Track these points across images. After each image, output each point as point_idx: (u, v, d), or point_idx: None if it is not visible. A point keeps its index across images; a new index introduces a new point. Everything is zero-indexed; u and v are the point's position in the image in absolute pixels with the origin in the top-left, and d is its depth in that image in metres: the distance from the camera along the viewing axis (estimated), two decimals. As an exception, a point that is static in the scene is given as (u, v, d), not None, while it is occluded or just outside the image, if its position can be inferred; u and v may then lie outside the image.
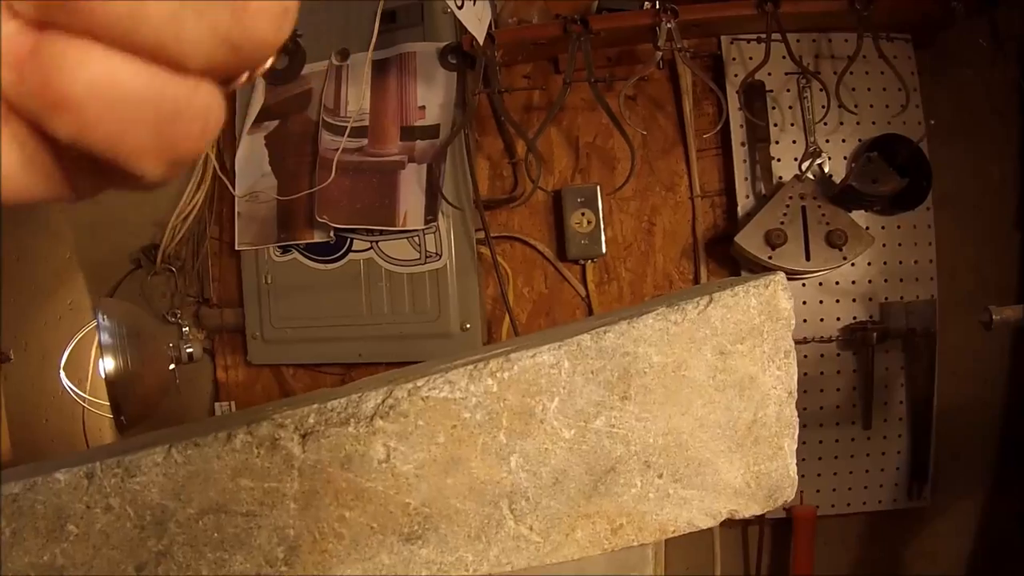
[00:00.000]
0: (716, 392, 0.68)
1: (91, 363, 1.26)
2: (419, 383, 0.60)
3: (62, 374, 1.25)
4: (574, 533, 0.65)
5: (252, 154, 1.42)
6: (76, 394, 1.24)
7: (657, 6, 1.25)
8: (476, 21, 1.19)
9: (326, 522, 0.61)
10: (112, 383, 1.19)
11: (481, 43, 1.24)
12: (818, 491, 1.39)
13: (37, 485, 0.62)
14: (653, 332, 0.65)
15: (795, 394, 0.71)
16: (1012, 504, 1.36)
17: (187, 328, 1.34)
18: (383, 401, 0.60)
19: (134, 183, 0.24)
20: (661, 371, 0.65)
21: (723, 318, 0.67)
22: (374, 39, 1.27)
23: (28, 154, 0.22)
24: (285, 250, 1.42)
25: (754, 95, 1.32)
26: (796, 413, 0.71)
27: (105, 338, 1.19)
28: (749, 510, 0.72)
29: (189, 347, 1.31)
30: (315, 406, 0.60)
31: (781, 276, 0.70)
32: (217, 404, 1.49)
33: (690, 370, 0.66)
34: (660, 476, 0.67)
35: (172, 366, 1.28)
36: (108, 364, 1.19)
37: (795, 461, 0.72)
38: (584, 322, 0.83)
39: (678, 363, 0.66)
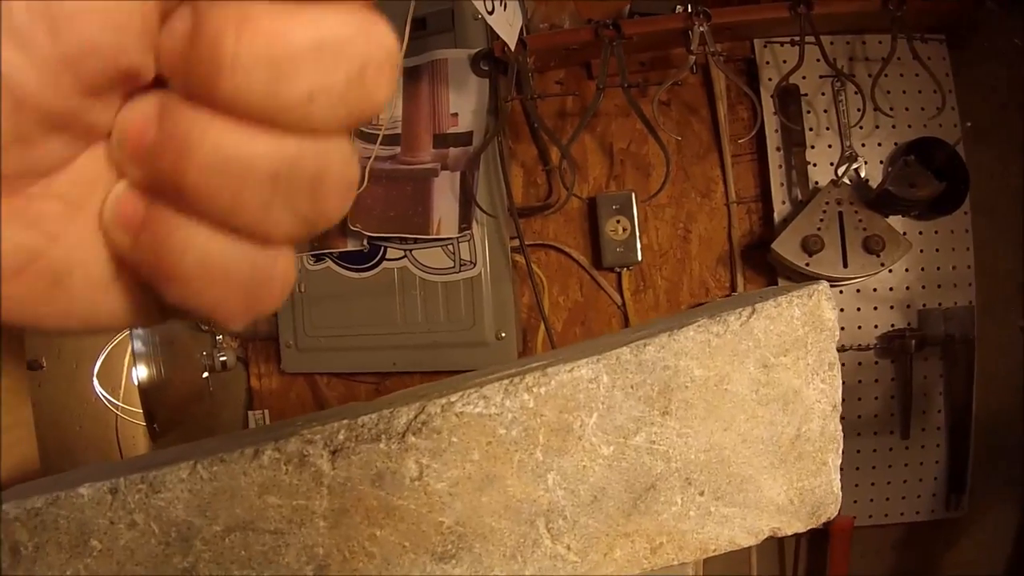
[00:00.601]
0: (759, 406, 0.63)
1: (124, 371, 1.25)
2: (453, 398, 0.57)
3: (95, 381, 1.24)
4: (612, 552, 0.61)
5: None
6: (109, 401, 1.23)
7: (689, 10, 1.21)
8: (507, 27, 1.16)
9: (356, 540, 0.57)
10: (145, 391, 1.17)
11: (513, 49, 1.21)
12: (855, 501, 1.33)
13: (60, 499, 0.59)
14: (694, 345, 0.61)
15: (839, 408, 0.67)
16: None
17: (220, 337, 1.32)
18: (415, 417, 0.56)
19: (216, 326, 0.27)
20: (703, 385, 0.61)
21: (766, 330, 0.63)
22: (404, 45, 1.24)
23: (136, 302, 0.25)
24: (318, 259, 1.39)
25: (788, 99, 1.27)
26: (840, 428, 0.67)
27: (138, 346, 1.17)
28: (792, 528, 0.67)
29: (223, 355, 1.29)
30: (345, 422, 0.56)
31: (825, 285, 0.66)
32: (250, 412, 1.48)
33: (732, 384, 0.62)
34: (701, 493, 0.62)
35: (205, 374, 1.25)
36: (141, 372, 1.17)
37: (839, 477, 0.68)
38: (621, 334, 0.79)
39: (720, 377, 0.62)
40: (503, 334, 1.34)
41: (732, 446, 0.63)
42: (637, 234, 1.36)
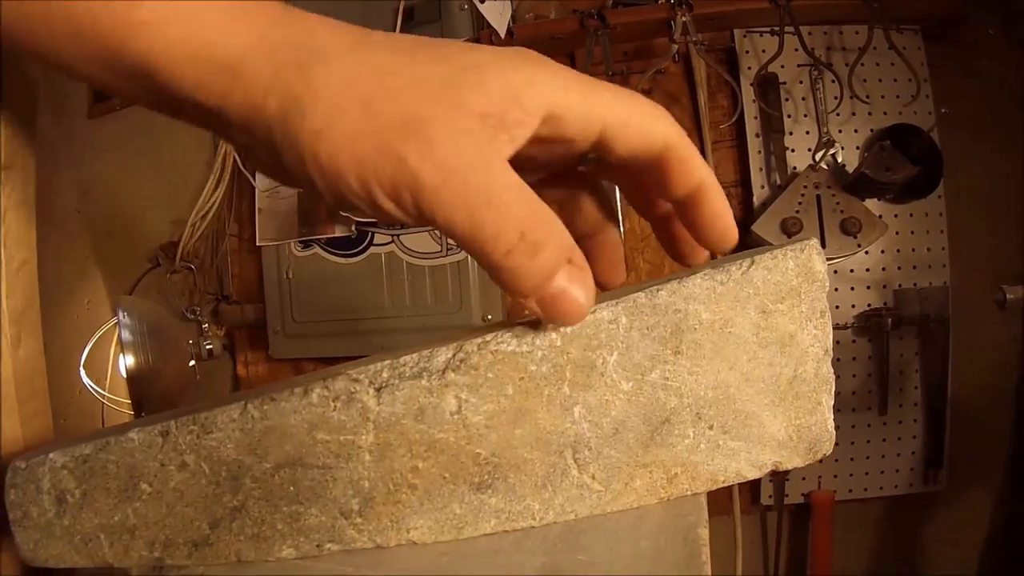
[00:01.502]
0: (759, 348, 0.72)
1: (110, 361, 1.29)
2: (487, 337, 0.64)
3: (82, 371, 1.28)
4: (633, 482, 0.69)
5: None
6: (96, 392, 1.27)
7: (672, 0, 1.31)
8: (498, 16, 1.25)
9: (400, 473, 0.64)
10: (133, 380, 1.22)
11: (502, 38, 1.30)
12: (835, 476, 1.44)
13: (110, 445, 0.65)
14: (701, 291, 0.70)
15: (831, 352, 0.76)
16: (1027, 487, 1.41)
17: (206, 325, 1.38)
18: (454, 356, 0.64)
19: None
20: (709, 328, 0.70)
21: (764, 279, 0.72)
22: (397, 31, 1.32)
23: None
24: (306, 245, 1.46)
25: (768, 87, 1.39)
26: (832, 371, 0.76)
27: (126, 335, 1.22)
28: (791, 462, 0.76)
29: (209, 343, 1.34)
30: (387, 361, 0.64)
31: (815, 241, 0.75)
32: None
33: (736, 327, 0.71)
34: (711, 427, 0.71)
35: (192, 362, 1.31)
36: (129, 361, 1.22)
37: (832, 416, 0.77)
38: (634, 286, 0.88)
39: (724, 320, 0.71)
40: (490, 317, 1.42)
41: (737, 384, 0.72)
42: (620, 219, 1.45)
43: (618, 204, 1.43)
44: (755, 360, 0.73)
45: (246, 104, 0.38)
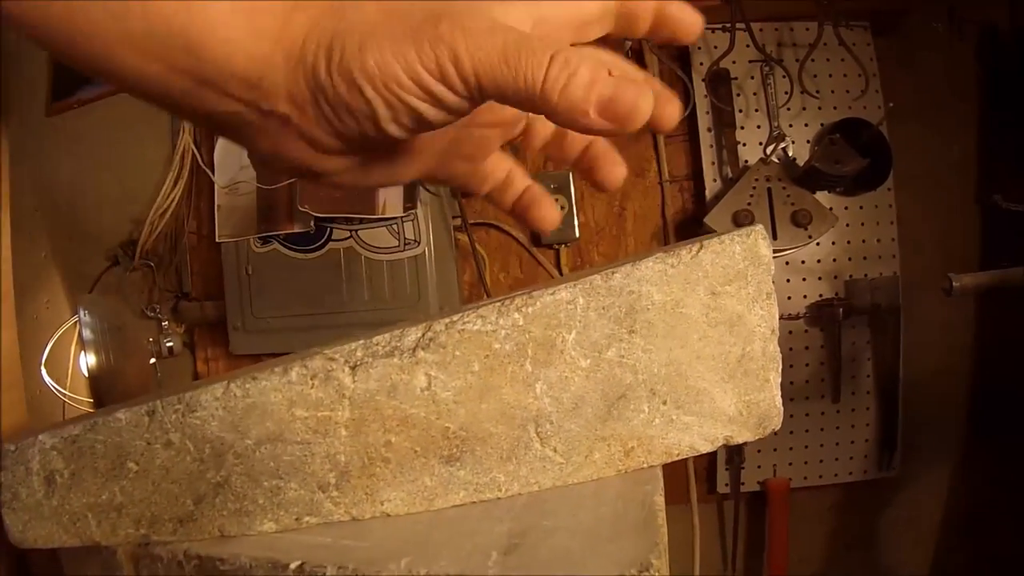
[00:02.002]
0: (709, 328, 0.81)
1: (71, 360, 1.33)
2: (454, 318, 0.72)
3: (43, 371, 1.32)
4: (592, 455, 0.77)
5: (231, 147, 1.52)
6: (58, 391, 1.31)
7: (626, -2, 1.40)
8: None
9: (374, 447, 0.72)
10: (95, 379, 1.26)
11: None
12: (791, 464, 1.54)
13: (97, 425, 0.71)
14: (653, 273, 0.78)
15: (777, 332, 0.85)
16: (980, 471, 1.53)
17: (167, 322, 1.43)
18: (423, 335, 0.72)
19: None
20: (661, 308, 0.79)
21: (712, 262, 0.81)
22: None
23: None
24: (265, 241, 1.52)
25: (719, 82, 1.48)
26: (779, 350, 0.85)
27: (87, 334, 1.27)
28: (742, 436, 0.85)
29: (169, 341, 1.39)
30: (361, 341, 0.71)
31: (761, 227, 0.85)
32: None
33: (686, 307, 0.80)
34: (664, 403, 0.80)
35: (153, 360, 1.36)
36: (90, 360, 1.27)
37: (780, 393, 0.86)
38: (589, 270, 0.96)
39: (676, 301, 0.79)
40: (446, 310, 1.50)
41: (688, 362, 0.81)
42: (575, 212, 1.54)
43: (572, 189, 1.51)
44: (705, 339, 0.82)
45: (289, 57, 0.45)
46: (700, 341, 0.81)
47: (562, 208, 1.53)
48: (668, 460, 0.82)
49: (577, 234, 1.54)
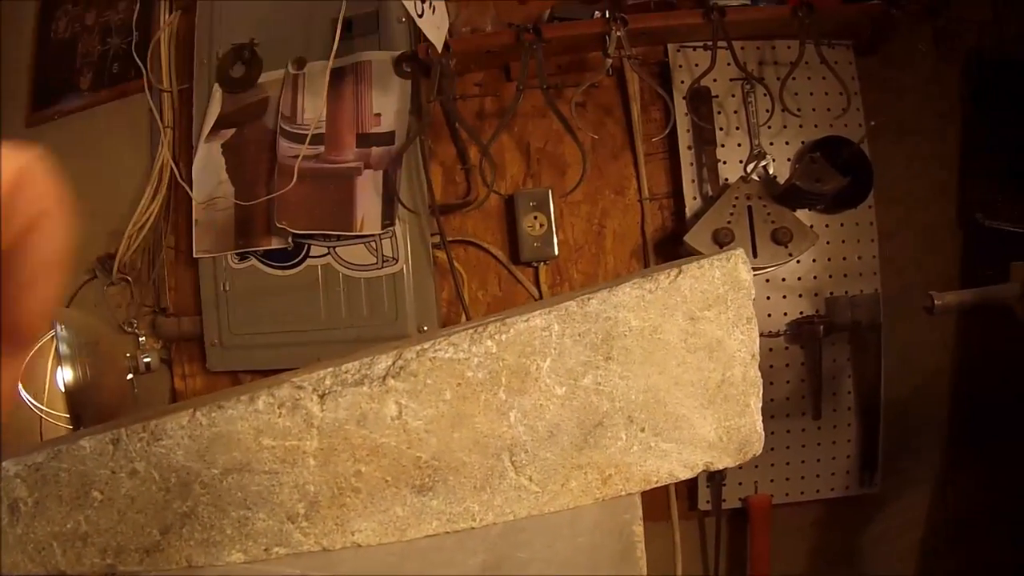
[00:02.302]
0: (688, 354, 0.80)
1: (48, 375, 1.31)
2: (425, 345, 0.70)
3: (19, 386, 1.29)
4: (569, 483, 0.76)
5: (209, 162, 1.49)
6: (34, 406, 1.29)
7: (607, 15, 1.39)
8: (435, 30, 1.31)
9: (343, 477, 0.70)
10: (71, 393, 1.24)
11: (440, 51, 1.36)
12: (772, 481, 1.53)
13: (61, 453, 0.69)
14: (631, 299, 0.77)
15: (758, 357, 0.84)
16: (961, 488, 1.52)
17: (143, 338, 1.41)
18: (393, 363, 0.70)
19: None
20: (639, 334, 0.77)
21: (691, 287, 0.80)
22: (335, 48, 1.38)
23: None
24: (243, 257, 1.50)
25: (700, 100, 1.47)
26: (760, 375, 0.84)
27: (63, 349, 1.25)
28: (722, 462, 0.84)
29: (147, 357, 1.37)
30: (330, 369, 0.69)
31: (741, 251, 0.83)
32: None
33: (664, 333, 0.79)
34: (643, 430, 0.78)
35: (130, 376, 1.33)
36: (67, 375, 1.24)
37: (761, 419, 0.85)
38: (568, 294, 0.95)
39: (654, 327, 0.78)
40: (425, 328, 1.48)
41: (667, 388, 0.80)
42: (554, 230, 1.53)
43: (551, 207, 1.50)
44: (684, 365, 0.80)
45: None
46: (679, 367, 0.80)
47: (542, 226, 1.52)
48: (647, 487, 0.81)
49: (556, 252, 1.52)
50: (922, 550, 1.56)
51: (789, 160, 1.49)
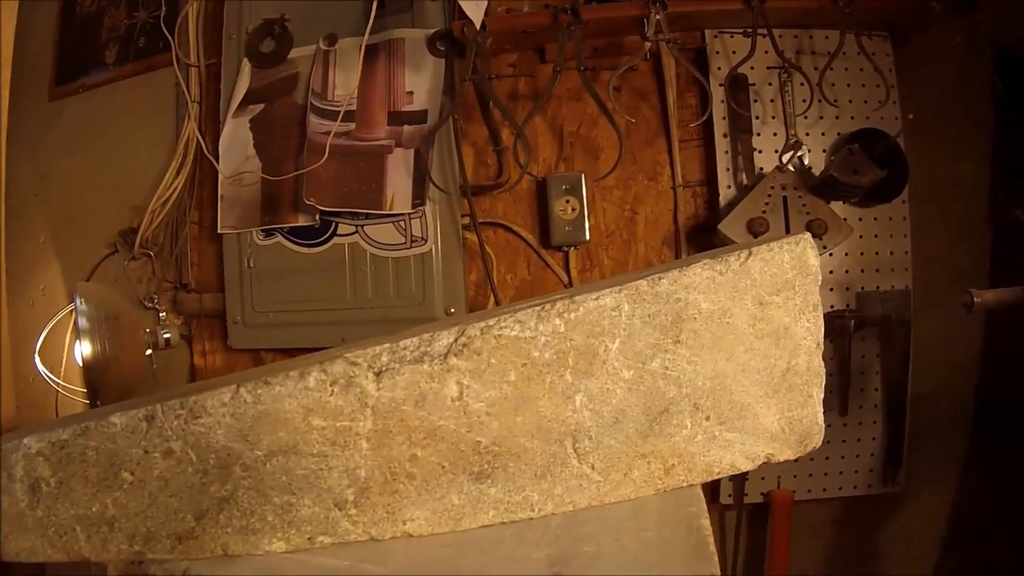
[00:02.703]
0: (756, 340, 0.73)
1: (66, 348, 1.24)
2: (490, 322, 0.63)
3: (37, 359, 1.22)
4: (631, 472, 0.68)
5: (236, 137, 1.42)
6: (51, 379, 1.22)
7: (646, -2, 1.32)
8: (474, 6, 1.24)
9: (398, 462, 0.62)
10: (89, 368, 1.17)
11: (479, 29, 1.28)
12: (795, 476, 1.46)
13: (89, 430, 0.62)
14: (701, 280, 0.70)
15: (822, 346, 0.77)
16: (983, 488, 1.45)
17: (164, 314, 1.34)
18: (456, 340, 0.62)
19: None
20: (708, 317, 0.70)
21: (761, 271, 0.72)
22: (370, 24, 1.31)
23: None
24: (269, 234, 1.42)
25: (737, 88, 1.40)
26: (823, 364, 0.77)
27: (83, 323, 1.18)
28: (783, 455, 0.77)
29: (166, 333, 1.30)
30: (387, 345, 0.62)
31: (809, 235, 0.76)
32: None
33: (733, 318, 0.71)
34: (708, 418, 0.71)
35: (149, 351, 1.26)
36: (85, 349, 1.17)
37: (822, 410, 0.78)
38: (631, 274, 0.87)
39: (723, 310, 0.71)
40: (452, 310, 1.41)
41: (733, 375, 0.72)
42: (586, 214, 1.45)
43: (584, 191, 1.43)
44: (751, 351, 0.73)
45: None
46: (745, 353, 0.73)
47: (574, 210, 1.44)
48: (708, 479, 0.74)
49: (587, 237, 1.45)
50: (942, 549, 1.49)
51: (824, 151, 1.42)
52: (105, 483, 0.63)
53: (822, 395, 0.77)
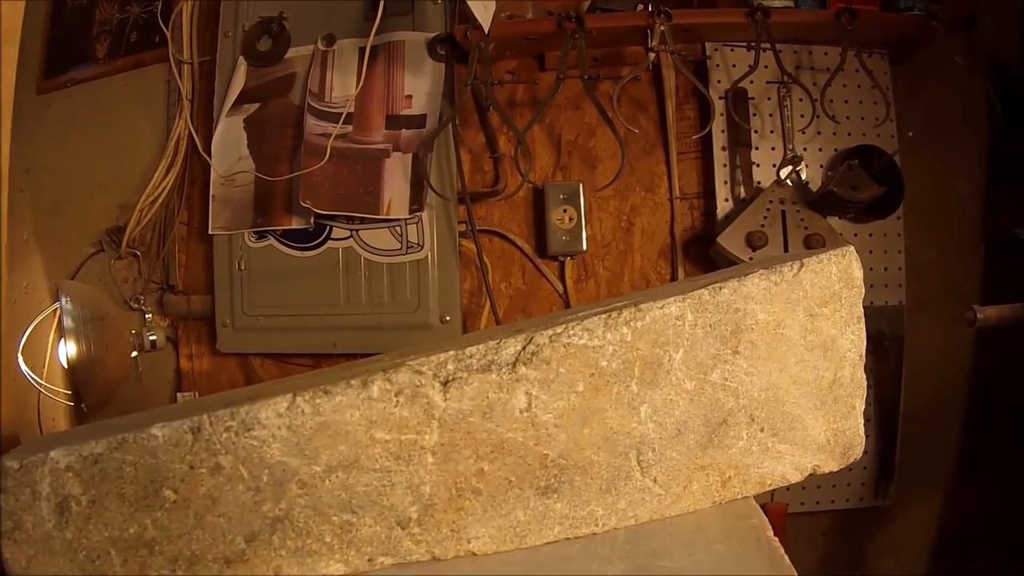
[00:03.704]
0: (806, 351, 0.72)
1: (49, 348, 1.17)
2: (558, 330, 0.60)
3: (19, 358, 1.15)
4: (691, 485, 0.66)
5: (230, 137, 1.37)
6: (34, 380, 1.15)
7: (651, 8, 1.31)
8: (483, 10, 1.22)
9: (464, 477, 0.59)
10: (74, 369, 1.12)
11: (487, 33, 1.26)
12: (788, 489, 1.46)
13: (127, 443, 0.57)
14: (759, 290, 0.68)
15: (864, 358, 0.76)
16: (973, 502, 1.47)
17: (150, 315, 1.29)
18: (524, 348, 0.60)
19: None
20: (764, 328, 0.69)
21: (812, 282, 0.72)
22: (376, 26, 1.28)
23: None
24: (261, 236, 1.38)
25: (737, 101, 1.41)
26: (865, 376, 0.77)
27: (68, 322, 1.12)
28: (828, 466, 0.76)
29: (152, 335, 1.25)
30: (451, 352, 0.59)
31: (853, 248, 0.76)
32: (179, 394, 1.45)
33: (787, 329, 0.70)
34: (762, 430, 0.70)
35: (134, 353, 1.20)
36: (70, 349, 1.11)
37: (863, 421, 0.77)
38: (687, 281, 0.85)
39: (778, 322, 0.70)
40: (448, 318, 1.38)
41: (785, 386, 0.71)
42: (583, 224, 1.44)
43: (581, 200, 1.41)
44: (802, 363, 0.72)
45: None
46: (797, 365, 0.72)
47: (571, 219, 1.43)
48: (761, 490, 0.72)
49: (584, 247, 1.43)
50: (931, 562, 1.51)
51: (821, 167, 1.43)
52: (144, 502, 0.58)
53: (863, 407, 0.77)
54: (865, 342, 0.76)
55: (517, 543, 0.62)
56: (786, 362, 0.71)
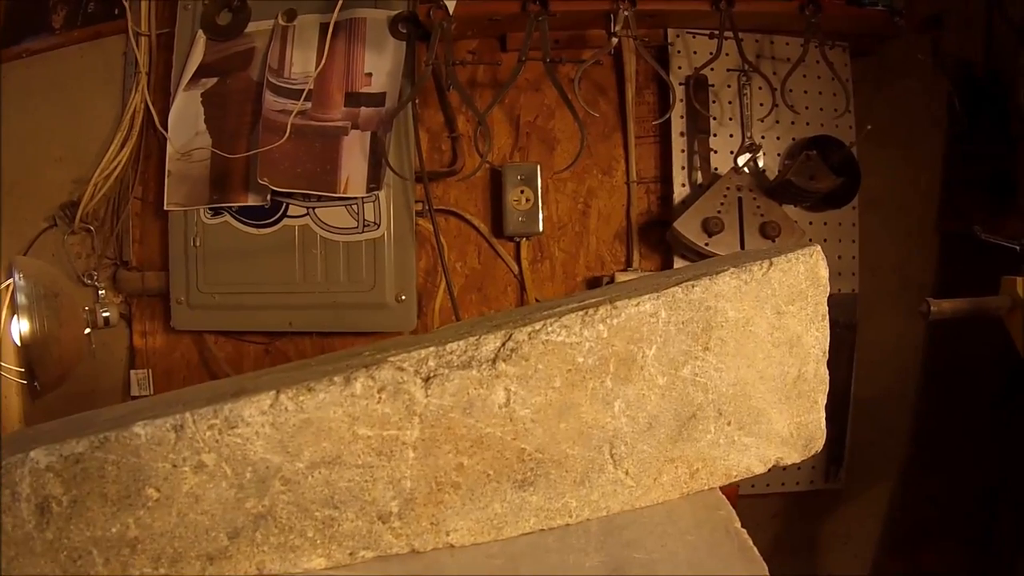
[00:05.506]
0: (773, 348, 0.75)
1: (1, 325, 1.14)
2: (536, 327, 0.62)
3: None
4: (661, 477, 0.69)
5: (187, 111, 1.34)
6: (-16, 357, 1.12)
7: (616, -7, 1.32)
8: (450, -11, 1.21)
9: (444, 471, 0.61)
10: (27, 346, 1.10)
11: (452, 12, 1.25)
12: (742, 470, 1.51)
13: (108, 442, 0.57)
14: (729, 288, 0.71)
15: (827, 354, 0.80)
16: (921, 490, 1.53)
17: (103, 291, 1.27)
18: (503, 344, 0.61)
19: None
20: (734, 325, 0.72)
21: (780, 281, 0.74)
22: (339, 4, 1.26)
23: None
24: (217, 212, 1.36)
25: (697, 88, 1.43)
26: (828, 372, 0.80)
27: (21, 299, 1.09)
28: (791, 458, 0.80)
29: (105, 311, 1.22)
30: (432, 348, 0.60)
31: (819, 248, 0.79)
32: (132, 371, 1.44)
33: (755, 326, 0.73)
34: (729, 424, 0.73)
35: (88, 330, 1.18)
36: (23, 326, 1.09)
37: (824, 416, 0.81)
38: (650, 277, 0.88)
39: (747, 319, 0.72)
40: (403, 297, 1.39)
41: (752, 382, 0.74)
42: (539, 206, 1.45)
43: (539, 182, 1.43)
44: (769, 359, 0.75)
45: None
46: (764, 360, 0.75)
47: (528, 201, 1.44)
48: (726, 482, 0.76)
49: (540, 228, 1.45)
50: (880, 547, 1.57)
51: (779, 155, 1.47)
52: (127, 501, 0.58)
53: (825, 402, 0.81)
54: (828, 339, 0.80)
55: (494, 535, 0.64)
56: (754, 358, 0.74)
